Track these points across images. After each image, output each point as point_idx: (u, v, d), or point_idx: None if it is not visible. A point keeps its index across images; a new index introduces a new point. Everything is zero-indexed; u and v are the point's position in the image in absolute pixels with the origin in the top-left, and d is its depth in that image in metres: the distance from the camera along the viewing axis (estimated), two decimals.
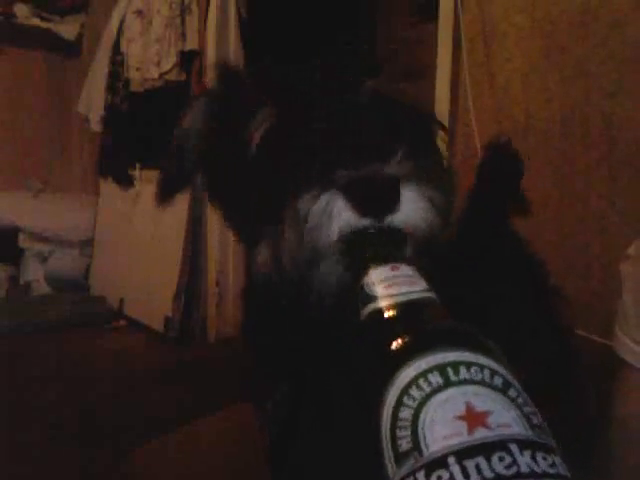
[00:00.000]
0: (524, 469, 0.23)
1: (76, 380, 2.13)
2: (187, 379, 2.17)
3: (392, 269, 0.33)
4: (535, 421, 0.26)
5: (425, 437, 0.25)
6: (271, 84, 0.48)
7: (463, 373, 0.26)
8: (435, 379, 0.26)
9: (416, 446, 0.25)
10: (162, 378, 2.17)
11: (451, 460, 0.24)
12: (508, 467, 0.23)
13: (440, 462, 0.24)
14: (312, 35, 2.51)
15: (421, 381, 0.26)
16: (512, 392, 0.27)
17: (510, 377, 0.27)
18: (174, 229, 2.66)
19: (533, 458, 0.24)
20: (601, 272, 1.34)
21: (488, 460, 0.23)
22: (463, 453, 0.24)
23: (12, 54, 3.38)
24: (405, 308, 0.31)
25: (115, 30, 2.90)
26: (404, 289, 0.31)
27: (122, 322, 2.88)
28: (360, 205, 0.37)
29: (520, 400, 0.26)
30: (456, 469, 0.23)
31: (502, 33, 1.58)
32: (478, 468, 0.23)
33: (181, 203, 2.64)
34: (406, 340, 0.29)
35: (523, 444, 0.24)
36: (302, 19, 2.48)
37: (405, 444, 0.25)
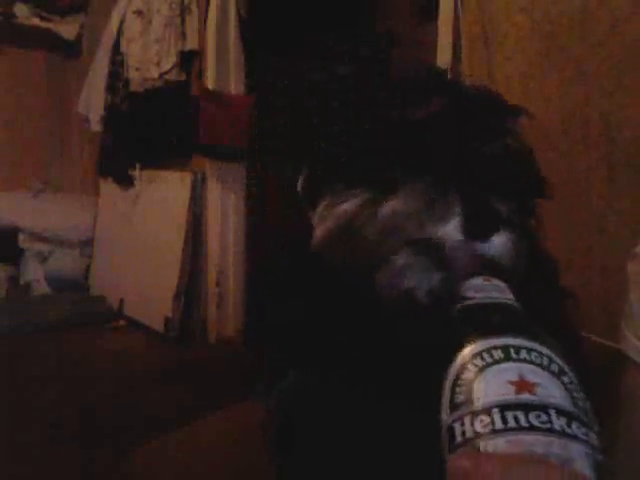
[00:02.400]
0: (557, 427, 0.27)
1: (76, 380, 2.13)
2: (187, 379, 2.17)
3: (485, 280, 0.39)
4: (581, 404, 0.29)
5: (478, 392, 0.30)
6: None
7: (523, 354, 0.31)
8: (497, 354, 0.31)
9: (468, 398, 0.30)
10: (162, 378, 2.17)
11: (494, 410, 0.28)
12: (543, 422, 0.27)
13: (484, 410, 0.28)
14: (312, 35, 2.52)
15: (485, 354, 0.31)
16: (565, 378, 0.31)
17: (567, 368, 0.31)
18: (174, 229, 2.67)
19: (568, 424, 0.27)
20: (601, 272, 1.34)
21: (526, 415, 0.27)
22: (506, 406, 0.28)
23: (12, 54, 3.39)
24: (491, 306, 0.36)
25: (115, 30, 2.90)
26: (494, 294, 0.37)
27: (122, 322, 2.88)
28: (469, 225, 0.43)
29: (571, 386, 0.30)
30: (497, 416, 0.28)
31: (502, 33, 1.58)
32: (516, 418, 0.27)
33: (181, 203, 2.65)
34: (481, 327, 0.34)
35: (562, 412, 0.28)
36: (302, 19, 2.48)
37: (461, 397, 0.30)
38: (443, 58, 1.71)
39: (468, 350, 0.32)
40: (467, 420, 0.29)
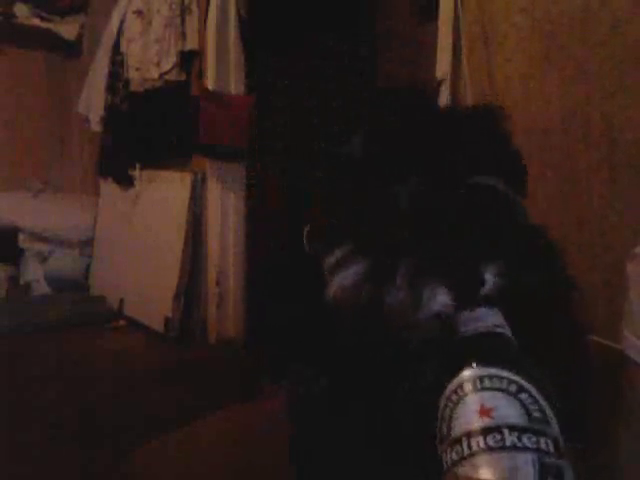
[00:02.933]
0: (508, 443, 0.34)
1: (76, 380, 2.13)
2: (187, 379, 2.17)
3: (470, 311, 0.44)
4: (536, 415, 0.36)
5: (454, 426, 0.36)
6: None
7: (486, 383, 0.37)
8: (467, 387, 0.38)
9: (448, 431, 0.37)
10: (162, 378, 2.17)
11: (463, 439, 0.35)
12: (497, 442, 0.34)
13: (457, 440, 0.35)
14: (312, 35, 2.52)
15: (458, 390, 0.38)
16: (523, 395, 0.37)
17: (526, 385, 0.37)
18: (174, 229, 2.67)
19: (519, 438, 0.34)
20: (602, 272, 1.34)
21: (485, 438, 0.34)
22: (470, 434, 0.35)
23: (12, 54, 3.39)
24: (468, 340, 0.42)
25: (115, 30, 2.90)
26: (476, 325, 0.43)
27: (122, 322, 2.88)
28: (455, 294, 0.47)
29: (528, 401, 0.36)
30: (465, 444, 0.35)
31: (502, 33, 1.58)
32: (477, 443, 0.34)
33: (181, 203, 2.65)
34: (463, 361, 0.40)
35: (514, 428, 0.35)
36: (302, 19, 2.48)
37: (444, 431, 0.37)
38: (443, 58, 1.71)
39: (450, 386, 0.39)
40: (448, 450, 0.36)
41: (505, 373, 0.38)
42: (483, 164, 0.55)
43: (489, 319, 0.43)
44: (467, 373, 0.38)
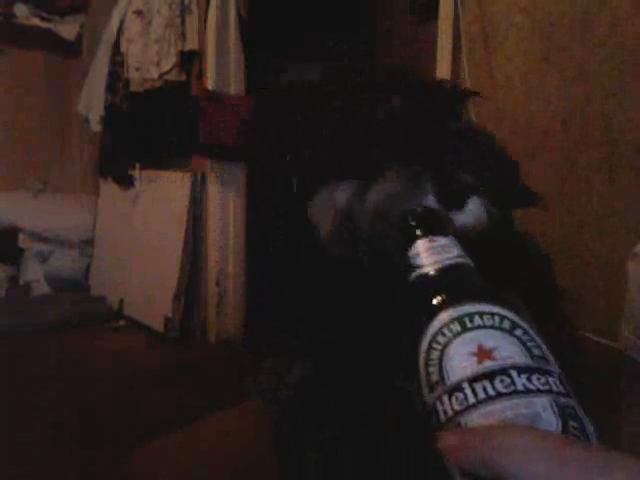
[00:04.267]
0: (520, 387, 0.30)
1: (76, 380, 2.13)
2: (187, 379, 2.17)
3: (430, 241, 0.41)
4: (536, 352, 0.33)
5: (447, 370, 0.33)
6: None
7: (477, 320, 0.34)
8: (455, 327, 0.34)
9: (441, 377, 0.33)
10: (162, 378, 2.17)
11: (465, 384, 0.31)
12: (507, 386, 0.30)
13: (457, 387, 0.31)
14: (312, 35, 2.52)
15: (444, 329, 0.34)
16: (518, 331, 0.33)
17: (517, 320, 0.34)
18: (174, 229, 2.66)
19: (529, 379, 0.31)
20: (601, 273, 1.34)
21: (492, 382, 0.31)
22: (473, 379, 0.31)
23: (12, 54, 3.39)
24: (438, 273, 0.39)
25: (115, 30, 2.90)
26: (439, 257, 0.39)
27: (122, 322, 2.88)
28: (441, 195, 0.47)
29: (525, 337, 0.33)
30: (468, 390, 0.31)
31: (502, 33, 1.58)
32: (484, 388, 0.30)
33: (181, 203, 2.65)
34: (437, 299, 0.36)
35: (522, 369, 0.31)
36: (302, 19, 2.48)
37: (434, 377, 0.33)
38: (443, 58, 1.71)
39: (430, 329, 0.34)
40: (445, 399, 0.32)
41: (495, 308, 0.34)
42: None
43: (453, 249, 0.40)
44: (452, 311, 0.34)
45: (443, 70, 1.70)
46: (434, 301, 0.36)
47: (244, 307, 2.65)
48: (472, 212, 0.48)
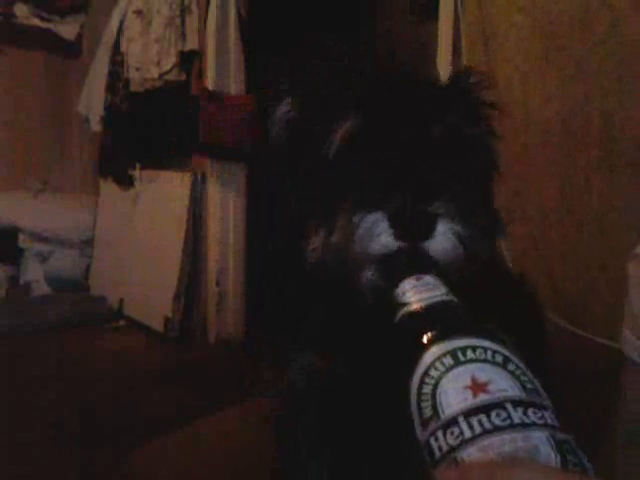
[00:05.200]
0: (516, 420, 0.30)
1: (76, 380, 2.13)
2: (187, 379, 2.17)
3: (417, 279, 0.41)
4: (529, 386, 0.32)
5: (441, 405, 0.32)
6: (353, 97, 0.55)
7: (469, 354, 0.33)
8: (447, 361, 0.33)
9: (435, 412, 0.32)
10: (162, 378, 2.17)
11: (460, 419, 0.30)
12: (504, 420, 0.30)
13: (452, 421, 0.31)
14: (312, 35, 2.52)
15: (437, 363, 0.33)
16: (510, 366, 0.33)
17: (510, 354, 0.34)
18: (174, 229, 2.66)
19: (525, 413, 0.30)
20: (601, 272, 1.34)
21: (488, 416, 0.30)
22: (469, 413, 0.30)
23: (12, 54, 3.38)
24: (426, 310, 0.39)
25: (115, 30, 2.90)
26: (426, 295, 0.39)
27: (122, 322, 2.88)
28: (399, 231, 0.46)
29: (518, 372, 0.33)
30: (464, 425, 0.30)
31: (502, 33, 1.58)
32: (480, 422, 0.30)
33: (181, 203, 2.65)
34: (427, 334, 0.36)
35: (517, 403, 0.31)
36: (302, 19, 2.48)
37: (427, 412, 0.32)
38: (443, 58, 1.71)
39: (422, 363, 0.34)
40: (440, 434, 0.31)
41: (486, 343, 0.34)
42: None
43: (440, 287, 0.40)
44: (443, 345, 0.34)
45: (443, 70, 1.70)
46: (425, 335, 0.36)
47: (244, 307, 2.65)
48: (440, 241, 0.47)
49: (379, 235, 0.45)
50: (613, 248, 1.31)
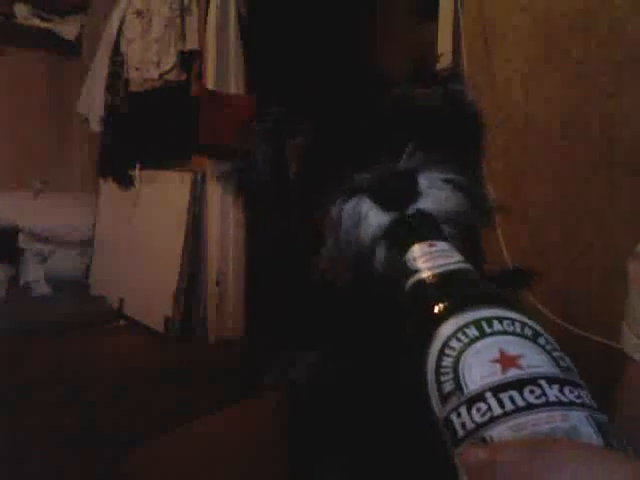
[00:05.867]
0: (552, 399, 0.26)
1: (76, 380, 2.13)
2: (187, 379, 2.17)
3: (429, 245, 0.37)
4: (563, 364, 0.29)
5: (465, 379, 0.28)
6: (304, 109, 0.51)
7: (496, 326, 0.30)
8: (471, 332, 0.30)
9: (457, 387, 0.28)
10: (162, 378, 2.17)
11: (488, 394, 0.27)
12: (538, 397, 0.26)
13: (479, 397, 0.27)
14: (312, 35, 2.52)
15: (459, 334, 0.30)
16: (541, 340, 0.30)
17: (539, 328, 0.31)
18: (174, 229, 2.66)
19: (561, 391, 0.27)
20: (602, 272, 1.34)
21: (520, 392, 0.27)
22: (498, 388, 0.27)
23: (12, 54, 3.38)
24: (443, 278, 0.34)
25: (115, 30, 2.90)
26: (441, 262, 0.35)
27: (122, 322, 2.88)
28: (383, 202, 0.42)
29: (549, 347, 0.30)
30: (493, 401, 0.27)
31: (502, 33, 1.58)
32: (512, 399, 0.27)
33: (181, 203, 2.65)
34: (445, 303, 0.32)
35: (552, 380, 0.27)
36: (302, 19, 2.48)
37: (448, 386, 0.29)
38: (443, 58, 1.71)
39: (441, 333, 0.30)
40: (463, 410, 0.28)
41: (513, 314, 0.31)
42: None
43: (454, 254, 0.36)
44: (467, 314, 0.30)
45: None
46: (441, 304, 0.32)
47: (244, 307, 2.65)
48: (430, 194, 0.43)
49: (367, 216, 0.42)
50: (613, 249, 1.31)
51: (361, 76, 0.52)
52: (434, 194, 0.43)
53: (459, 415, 0.28)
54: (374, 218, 0.42)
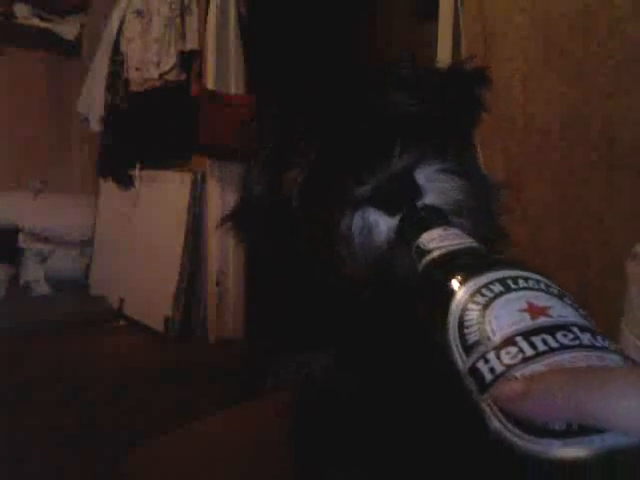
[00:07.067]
0: (586, 342, 0.25)
1: (76, 380, 2.13)
2: (187, 379, 2.17)
3: (443, 230, 0.36)
4: (591, 320, 0.28)
5: (492, 327, 0.27)
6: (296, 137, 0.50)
7: (522, 283, 0.29)
8: (497, 288, 0.29)
9: (484, 335, 0.27)
10: (162, 378, 2.17)
11: (518, 338, 0.26)
12: (572, 340, 0.25)
13: (508, 341, 0.26)
14: (312, 35, 2.52)
15: (484, 290, 0.29)
16: (567, 299, 0.29)
17: (564, 291, 0.30)
18: (174, 229, 2.67)
19: (593, 337, 0.26)
20: (600, 272, 1.34)
21: (553, 335, 0.26)
22: (529, 332, 0.26)
23: (12, 54, 3.39)
24: (459, 253, 0.34)
25: (115, 30, 2.90)
26: (456, 241, 0.35)
27: (122, 322, 2.88)
28: (387, 207, 0.42)
29: (576, 305, 0.29)
30: (524, 344, 0.26)
31: (502, 33, 1.58)
32: (544, 341, 0.25)
33: (181, 203, 2.65)
34: (465, 270, 0.31)
35: (583, 328, 0.27)
36: (302, 19, 2.48)
37: (473, 337, 0.27)
38: (443, 58, 1.71)
39: (462, 291, 0.29)
40: (492, 356, 0.26)
41: (536, 276, 0.30)
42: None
43: (468, 238, 0.36)
44: (490, 274, 0.29)
45: None
46: (464, 269, 0.31)
47: (244, 307, 2.65)
48: (430, 188, 0.42)
49: (377, 224, 0.42)
50: (613, 248, 1.31)
51: (353, 82, 0.52)
52: (435, 187, 0.43)
53: (487, 361, 0.26)
54: (383, 224, 0.42)
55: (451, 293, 0.30)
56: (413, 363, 0.40)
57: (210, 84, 2.51)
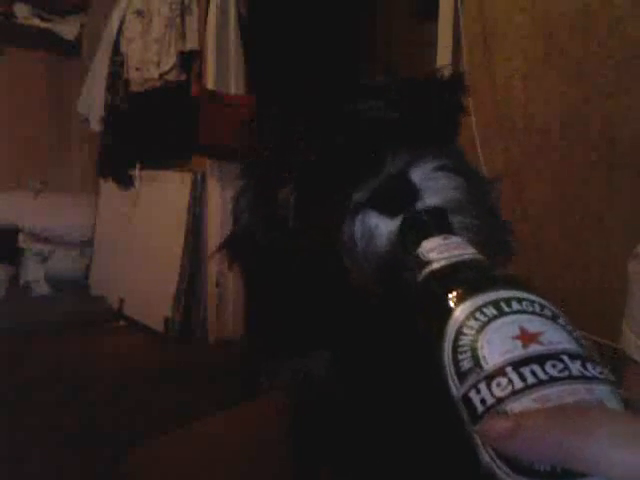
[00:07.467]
0: (575, 373, 0.26)
1: (76, 380, 2.13)
2: (187, 379, 2.17)
3: (443, 238, 0.36)
4: (584, 342, 0.29)
5: (484, 355, 0.28)
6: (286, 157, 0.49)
7: (515, 306, 0.29)
8: (490, 311, 0.29)
9: (476, 363, 0.28)
10: (162, 378, 2.17)
11: (508, 369, 0.27)
12: (561, 371, 0.26)
13: (498, 372, 0.27)
14: (312, 35, 2.52)
15: (477, 314, 0.29)
16: (561, 321, 0.30)
17: (558, 311, 0.30)
18: (174, 229, 2.66)
19: (583, 366, 0.26)
20: (600, 272, 1.34)
21: (542, 366, 0.26)
22: (519, 363, 0.27)
23: (12, 54, 3.39)
24: (459, 265, 0.34)
25: (115, 30, 2.90)
26: (456, 252, 0.35)
27: (122, 322, 2.88)
28: (386, 210, 0.41)
29: (569, 327, 0.29)
30: (514, 375, 0.26)
31: (502, 33, 1.58)
32: (533, 372, 0.26)
33: (181, 203, 2.65)
34: (461, 287, 0.31)
35: (574, 356, 0.27)
36: (302, 19, 2.48)
37: (466, 364, 0.28)
38: (443, 58, 1.71)
39: (457, 314, 0.30)
40: (482, 386, 0.27)
41: (532, 296, 0.30)
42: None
43: (468, 247, 0.36)
44: (484, 295, 0.30)
45: None
46: (461, 287, 0.31)
47: (244, 308, 2.65)
48: (428, 187, 0.42)
49: (377, 227, 0.42)
50: (613, 249, 1.31)
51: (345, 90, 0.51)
52: (432, 186, 0.42)
53: (478, 391, 0.27)
54: (384, 227, 0.42)
55: (448, 312, 0.30)
56: (412, 372, 0.40)
57: (210, 84, 2.51)
